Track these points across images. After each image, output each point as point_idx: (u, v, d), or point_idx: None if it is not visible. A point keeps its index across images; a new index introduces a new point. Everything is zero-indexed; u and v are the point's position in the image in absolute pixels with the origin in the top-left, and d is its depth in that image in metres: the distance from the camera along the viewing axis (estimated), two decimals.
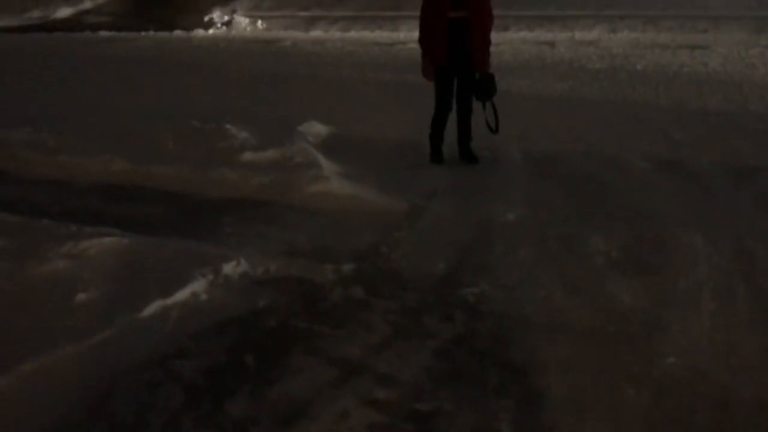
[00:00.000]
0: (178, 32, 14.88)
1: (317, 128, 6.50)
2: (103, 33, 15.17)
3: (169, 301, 3.33)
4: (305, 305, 3.39)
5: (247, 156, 5.55)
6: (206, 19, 15.97)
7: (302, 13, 15.63)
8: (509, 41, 11.67)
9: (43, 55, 12.11)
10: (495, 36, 5.64)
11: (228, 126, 6.17)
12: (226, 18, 15.92)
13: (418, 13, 5.62)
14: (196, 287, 3.45)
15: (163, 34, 14.72)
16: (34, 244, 3.86)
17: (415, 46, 5.87)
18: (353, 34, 13.87)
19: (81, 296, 3.35)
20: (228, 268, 3.63)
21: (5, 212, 4.44)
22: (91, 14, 17.95)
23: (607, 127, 6.57)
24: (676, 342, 3.03)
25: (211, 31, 15.11)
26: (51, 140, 6.09)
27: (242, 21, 15.63)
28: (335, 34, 14.02)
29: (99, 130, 6.28)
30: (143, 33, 14.93)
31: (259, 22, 15.46)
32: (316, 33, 14.21)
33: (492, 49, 5.55)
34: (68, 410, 2.62)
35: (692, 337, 3.07)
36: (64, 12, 18.13)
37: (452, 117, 5.63)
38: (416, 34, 5.70)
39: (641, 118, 6.88)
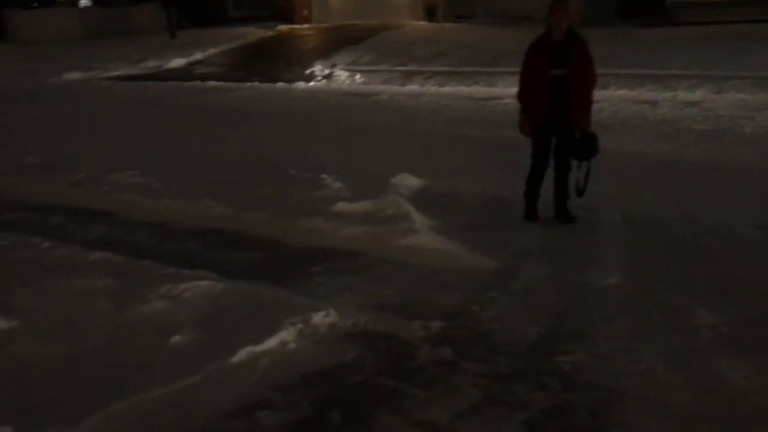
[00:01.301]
0: (280, 84, 15.47)
1: (410, 181, 6.51)
2: (211, 83, 15.96)
3: (259, 348, 3.35)
4: (392, 362, 3.33)
5: (341, 206, 5.62)
6: (307, 72, 16.54)
7: (399, 68, 15.94)
8: (608, 99, 11.42)
9: (154, 103, 12.83)
10: (594, 93, 5.51)
11: (323, 176, 6.29)
12: (326, 71, 16.43)
13: (515, 69, 5.58)
14: (285, 336, 3.46)
15: (266, 86, 15.33)
16: (135, 284, 4.01)
17: (511, 102, 5.83)
18: (449, 89, 13.99)
19: (175, 338, 3.43)
20: (317, 319, 3.63)
21: (110, 252, 4.64)
22: (201, 65, 18.96)
23: (713, 192, 6.26)
24: None
25: (311, 83, 15.62)
26: (157, 184, 6.38)
27: (341, 74, 16.09)
28: (431, 88, 14.17)
29: (202, 176, 6.54)
30: (248, 84, 15.59)
31: (358, 75, 15.87)
32: (413, 87, 14.41)
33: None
34: None
35: None
36: (176, 62, 19.24)
37: (548, 174, 5.51)
38: (513, 90, 5.65)
39: (751, 184, 6.51)
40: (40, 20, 24.43)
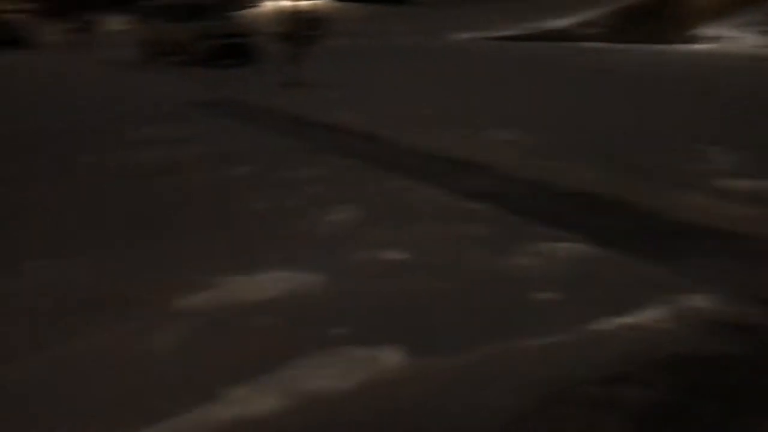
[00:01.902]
0: (661, 46, 14.49)
1: None
2: (591, 44, 15.64)
3: (625, 320, 3.25)
4: None
5: (723, 182, 5.17)
6: (693, 33, 15.19)
7: None
8: None
9: (530, 63, 13.07)
10: None
11: (706, 147, 5.79)
12: (715, 33, 14.90)
13: None
14: (655, 314, 3.29)
15: (647, 48, 14.49)
16: (507, 236, 4.21)
17: None
18: None
19: (540, 295, 3.51)
20: (693, 302, 3.38)
21: (486, 203, 4.92)
22: (583, 26, 18.69)
23: None
24: None
25: (697, 46, 14.31)
26: (532, 143, 6.55)
27: (733, 36, 14.43)
28: None
29: (576, 138, 6.52)
30: (628, 46, 14.92)
31: (756, 37, 14.05)
32: None
33: None
34: (513, 402, 2.71)
35: None
36: (554, 23, 19.29)
37: None
38: None
39: None
40: None
